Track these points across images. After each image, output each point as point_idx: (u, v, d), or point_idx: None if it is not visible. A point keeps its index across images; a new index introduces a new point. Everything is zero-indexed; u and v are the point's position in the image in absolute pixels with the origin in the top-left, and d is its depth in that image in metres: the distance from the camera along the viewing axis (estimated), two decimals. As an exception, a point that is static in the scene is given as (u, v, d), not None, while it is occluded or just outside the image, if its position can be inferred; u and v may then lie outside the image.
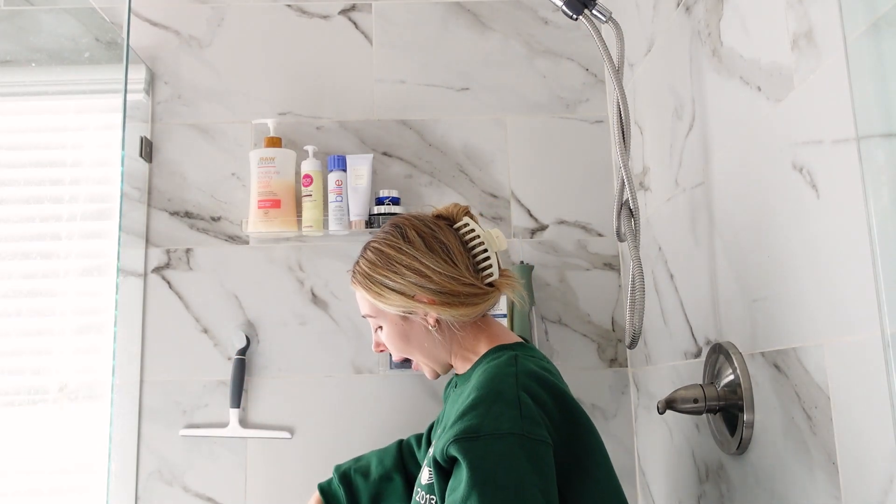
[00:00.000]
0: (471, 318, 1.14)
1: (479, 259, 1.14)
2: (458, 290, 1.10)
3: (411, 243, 1.12)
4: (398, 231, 1.15)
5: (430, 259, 1.11)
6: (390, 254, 1.12)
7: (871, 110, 0.78)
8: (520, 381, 1.01)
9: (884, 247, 0.75)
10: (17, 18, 1.70)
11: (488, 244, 1.15)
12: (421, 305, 1.11)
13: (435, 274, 1.10)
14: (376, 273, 1.13)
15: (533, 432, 0.95)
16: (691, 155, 1.31)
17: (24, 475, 1.53)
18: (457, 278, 1.11)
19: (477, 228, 1.16)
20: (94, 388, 1.58)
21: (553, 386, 1.04)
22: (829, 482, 0.90)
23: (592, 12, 1.28)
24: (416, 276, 1.10)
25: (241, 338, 1.68)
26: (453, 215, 1.18)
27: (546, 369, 1.09)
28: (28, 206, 1.62)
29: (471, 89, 1.83)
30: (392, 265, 1.12)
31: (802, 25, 0.93)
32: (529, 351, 1.14)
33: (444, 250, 1.12)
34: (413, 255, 1.11)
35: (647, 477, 1.63)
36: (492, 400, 0.98)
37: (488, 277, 1.14)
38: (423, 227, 1.14)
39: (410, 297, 1.11)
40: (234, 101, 1.80)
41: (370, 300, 1.15)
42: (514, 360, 1.06)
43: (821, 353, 0.91)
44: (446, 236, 1.14)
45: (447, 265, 1.11)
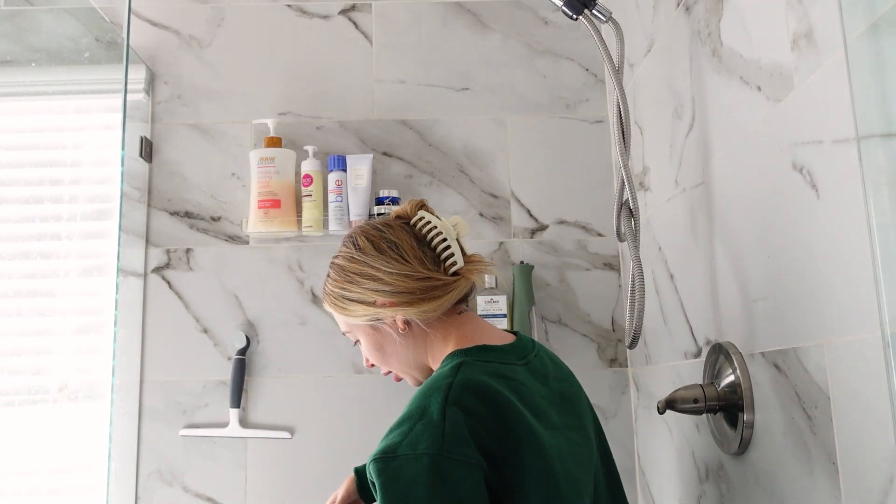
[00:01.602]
0: (437, 312, 1.10)
1: (440, 250, 1.12)
2: (413, 286, 1.08)
3: (361, 250, 1.12)
4: (350, 241, 1.14)
5: (379, 261, 1.10)
6: (345, 265, 1.12)
7: (871, 110, 0.78)
8: (452, 394, 0.95)
9: (884, 247, 0.75)
10: (17, 18, 1.70)
11: (447, 233, 1.13)
12: (384, 310, 1.09)
13: (387, 275, 1.09)
14: (337, 288, 1.13)
15: (454, 452, 0.90)
16: (691, 155, 1.31)
17: (24, 475, 1.53)
18: (409, 275, 1.08)
19: (433, 220, 1.14)
20: (94, 388, 1.58)
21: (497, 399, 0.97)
22: (829, 482, 0.90)
23: (592, 12, 1.28)
24: (371, 282, 1.09)
25: (241, 338, 1.68)
26: (408, 212, 1.17)
27: (505, 377, 1.02)
28: (28, 206, 1.62)
29: (471, 89, 1.83)
30: (349, 276, 1.12)
31: (802, 25, 0.93)
32: (488, 355, 1.06)
33: (393, 249, 1.10)
34: (364, 262, 1.11)
35: (647, 477, 1.63)
36: (417, 417, 0.95)
37: (452, 266, 1.11)
38: (373, 231, 1.13)
39: (371, 303, 1.10)
40: (234, 101, 1.80)
41: (339, 316, 1.16)
42: (456, 368, 1.01)
43: (821, 353, 0.91)
44: (397, 235, 1.12)
45: (398, 263, 1.09)
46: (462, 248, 1.13)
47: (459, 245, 1.13)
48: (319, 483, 1.64)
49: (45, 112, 1.71)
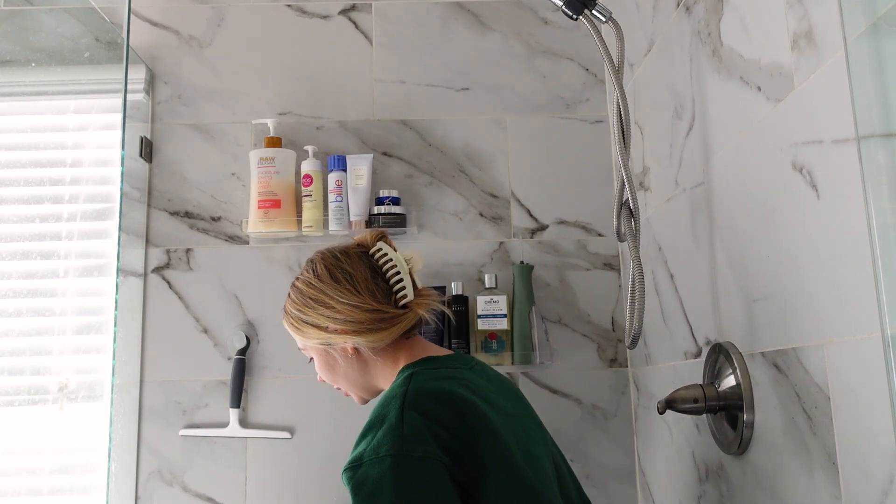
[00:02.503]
0: (385, 342, 1.17)
1: (393, 282, 1.19)
2: (363, 317, 1.15)
3: (319, 277, 1.18)
4: (311, 266, 1.21)
5: (334, 290, 1.16)
6: (303, 289, 1.19)
7: (871, 110, 0.78)
8: (408, 399, 1.02)
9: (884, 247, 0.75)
10: (17, 18, 1.70)
11: (401, 266, 1.21)
12: (335, 336, 1.16)
13: (339, 304, 1.15)
14: (294, 309, 1.20)
15: (414, 450, 0.96)
16: (691, 155, 1.31)
17: (24, 475, 1.53)
18: (359, 306, 1.15)
19: (390, 252, 1.22)
20: (94, 388, 1.58)
21: (451, 397, 1.04)
22: (830, 482, 0.90)
23: (592, 12, 1.28)
24: (325, 309, 1.16)
25: (241, 338, 1.68)
26: (367, 242, 1.24)
27: (454, 378, 1.10)
28: (28, 206, 1.62)
29: (471, 89, 1.83)
30: (306, 300, 1.18)
31: (802, 25, 0.93)
32: (437, 363, 1.15)
33: (348, 280, 1.17)
34: (320, 289, 1.17)
35: (647, 477, 1.63)
36: (378, 425, 1.01)
37: (402, 299, 1.18)
38: (332, 260, 1.20)
39: (324, 328, 1.16)
40: (234, 101, 1.80)
41: (295, 335, 1.22)
42: (407, 379, 1.08)
43: (821, 353, 0.91)
44: (353, 265, 1.19)
45: (351, 294, 1.16)
46: (414, 282, 1.21)
47: (412, 279, 1.21)
48: (319, 483, 1.64)
49: (45, 112, 1.71)
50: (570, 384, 1.72)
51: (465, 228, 1.77)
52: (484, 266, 1.75)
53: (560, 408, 1.71)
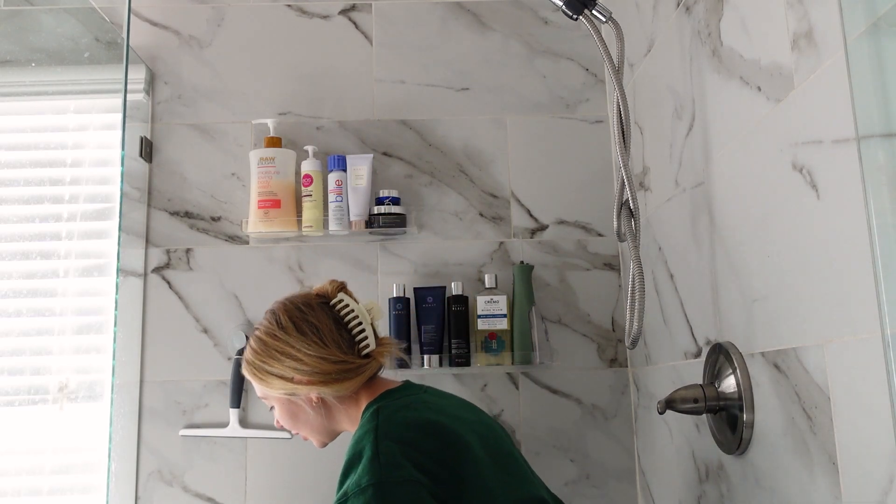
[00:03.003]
0: (350, 390, 1.21)
1: (355, 333, 1.24)
2: (330, 368, 1.19)
3: (284, 329, 1.21)
4: (274, 318, 1.24)
5: (301, 343, 1.20)
6: (268, 341, 1.22)
7: (871, 110, 0.78)
8: (380, 432, 1.09)
9: (884, 247, 0.75)
10: (17, 18, 1.70)
11: (363, 317, 1.25)
12: (300, 386, 1.20)
13: (307, 357, 1.19)
14: (258, 360, 1.22)
15: (393, 475, 1.03)
16: (691, 155, 1.31)
17: (24, 475, 1.53)
18: (327, 358, 1.19)
19: (351, 303, 1.26)
20: (94, 388, 1.58)
21: (419, 421, 1.12)
22: (830, 482, 0.90)
23: (592, 12, 1.28)
24: (291, 361, 1.19)
25: (241, 338, 1.68)
26: (328, 293, 1.27)
27: (416, 404, 1.18)
28: (28, 206, 1.62)
29: (471, 89, 1.83)
30: (270, 352, 1.21)
31: (802, 25, 0.93)
32: (397, 394, 1.21)
33: (314, 332, 1.21)
34: (286, 341, 1.20)
35: (647, 477, 1.64)
36: (357, 461, 1.07)
37: (365, 349, 1.23)
38: (296, 311, 1.23)
39: (289, 379, 1.20)
40: (234, 101, 1.80)
41: (257, 385, 1.25)
42: (375, 414, 1.14)
43: (821, 353, 0.91)
44: (318, 316, 1.23)
45: (318, 346, 1.19)
46: (375, 331, 1.27)
47: (373, 328, 1.26)
48: (319, 483, 1.64)
49: (45, 112, 1.71)
50: (570, 384, 1.72)
51: (465, 228, 1.77)
52: (484, 266, 1.75)
53: (560, 408, 1.71)
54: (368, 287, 1.73)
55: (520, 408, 1.71)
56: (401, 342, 1.31)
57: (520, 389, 1.71)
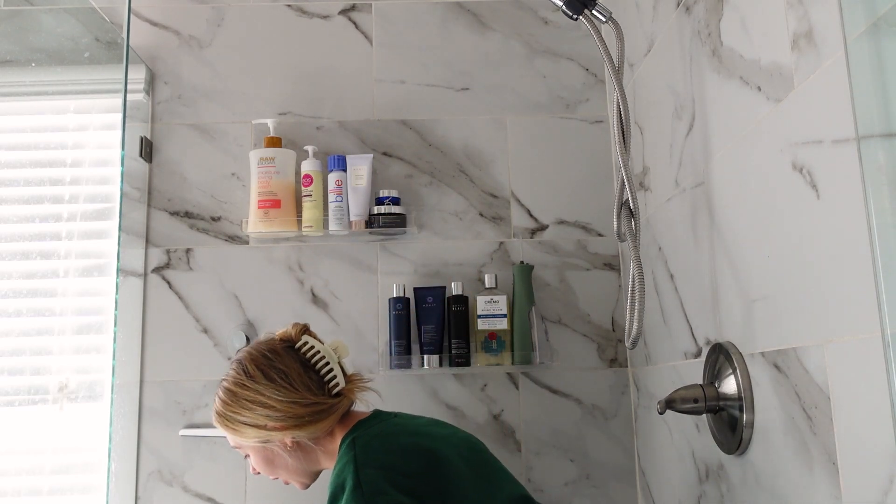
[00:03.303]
0: (324, 431, 1.23)
1: (324, 373, 1.25)
2: (302, 412, 1.20)
3: (253, 378, 1.22)
4: (241, 367, 1.24)
5: (271, 390, 1.20)
6: (237, 391, 1.22)
7: (871, 110, 0.78)
8: (359, 461, 1.12)
9: (884, 247, 0.75)
10: (17, 18, 1.70)
11: (329, 357, 1.26)
12: (274, 433, 1.21)
13: (278, 403, 1.20)
14: (229, 411, 1.23)
15: (377, 500, 1.06)
16: (691, 155, 1.31)
17: (24, 475, 1.53)
18: (298, 402, 1.20)
19: (317, 345, 1.27)
20: (94, 388, 1.58)
21: (396, 445, 1.16)
22: (830, 482, 0.90)
23: (592, 12, 1.28)
24: (263, 409, 1.20)
25: (241, 338, 1.68)
26: (292, 337, 1.28)
27: (390, 429, 1.21)
28: (28, 206, 1.62)
29: (471, 89, 1.83)
30: (240, 402, 1.22)
31: (802, 25, 0.93)
32: (369, 423, 1.24)
33: (283, 377, 1.21)
34: (256, 389, 1.21)
35: (647, 477, 1.63)
36: (340, 493, 1.10)
37: (335, 388, 1.25)
38: (262, 359, 1.24)
39: (263, 427, 1.21)
40: (234, 101, 1.80)
41: (230, 436, 1.25)
42: (351, 445, 1.16)
43: (821, 353, 0.91)
44: (285, 362, 1.23)
45: (288, 391, 1.20)
46: (343, 369, 1.27)
47: (341, 367, 1.27)
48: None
49: (45, 112, 1.71)
50: (570, 384, 1.72)
51: (465, 228, 1.77)
52: (484, 266, 1.75)
53: (560, 408, 1.71)
54: (368, 287, 1.73)
55: (520, 408, 1.71)
56: (368, 379, 1.33)
57: (520, 389, 1.71)
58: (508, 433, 1.69)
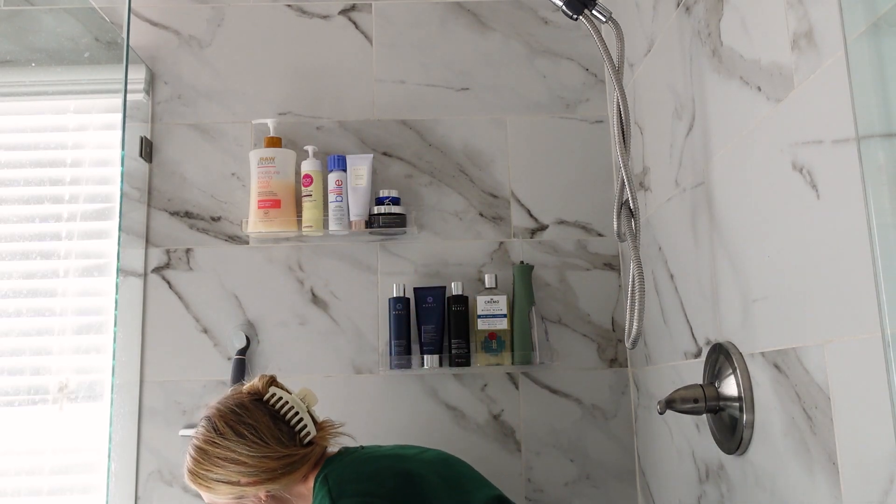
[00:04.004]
0: (297, 479, 1.22)
1: (294, 423, 1.25)
2: (275, 465, 1.20)
3: (223, 435, 1.21)
4: (210, 425, 1.24)
5: (241, 446, 1.20)
6: (207, 449, 1.22)
7: (871, 110, 0.78)
8: (333, 494, 1.13)
9: (884, 247, 0.75)
10: (17, 18, 1.70)
11: (298, 407, 1.26)
12: (248, 488, 1.20)
13: (249, 458, 1.19)
14: (201, 469, 1.22)
15: None
16: (691, 155, 1.31)
17: (24, 475, 1.53)
18: (269, 455, 1.20)
19: (284, 395, 1.27)
20: (94, 388, 1.58)
21: (368, 472, 1.18)
22: (830, 482, 0.90)
23: (592, 12, 1.28)
24: (235, 465, 1.20)
25: (241, 338, 1.68)
26: (259, 389, 1.28)
27: (359, 458, 1.23)
28: (28, 206, 1.62)
29: (471, 89, 1.83)
30: (211, 459, 1.21)
31: (802, 25, 0.93)
32: (338, 459, 1.25)
33: (252, 433, 1.21)
34: (226, 447, 1.21)
35: (647, 477, 1.63)
36: None
37: (306, 437, 1.24)
38: (231, 416, 1.23)
39: (236, 483, 1.20)
40: (234, 101, 1.80)
41: (203, 493, 1.25)
42: (324, 481, 1.17)
43: (821, 353, 0.91)
44: (254, 416, 1.23)
45: (259, 446, 1.20)
46: (313, 416, 1.27)
47: (311, 415, 1.27)
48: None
49: (45, 112, 1.71)
50: (570, 384, 1.72)
51: (465, 228, 1.77)
52: (484, 266, 1.75)
53: (560, 408, 1.71)
54: (368, 287, 1.73)
55: (520, 408, 1.71)
56: (339, 424, 1.33)
57: (520, 389, 1.71)
58: (508, 433, 1.69)
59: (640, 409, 1.66)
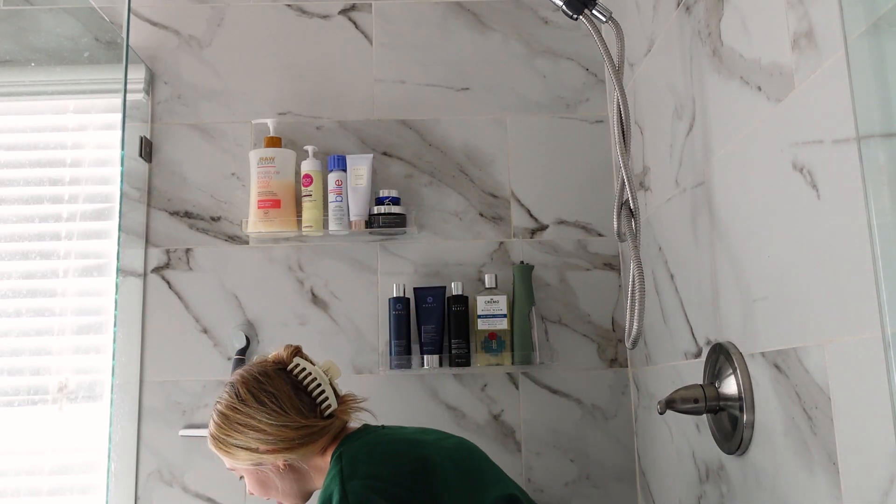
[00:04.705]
0: (316, 452, 1.23)
1: (315, 395, 1.25)
2: (293, 434, 1.20)
3: (244, 401, 1.22)
4: (233, 390, 1.24)
5: (262, 413, 1.21)
6: (229, 415, 1.23)
7: (871, 110, 0.78)
8: (345, 474, 1.13)
9: (884, 247, 0.75)
10: (16, 18, 1.70)
11: (321, 379, 1.26)
12: (266, 455, 1.21)
13: (269, 426, 1.20)
14: (222, 434, 1.23)
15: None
16: (691, 155, 1.31)
17: (24, 475, 1.53)
18: (288, 425, 1.20)
19: (308, 367, 1.27)
20: (94, 388, 1.58)
21: (383, 454, 1.17)
22: (830, 482, 0.90)
23: (592, 12, 1.28)
24: (254, 432, 1.20)
25: (241, 338, 1.68)
26: (284, 359, 1.28)
27: (377, 439, 1.22)
28: (28, 206, 1.62)
29: (471, 89, 1.83)
30: (232, 425, 1.22)
31: (803, 25, 0.93)
32: (356, 436, 1.23)
33: (273, 401, 1.22)
34: (247, 413, 1.21)
35: (647, 477, 1.63)
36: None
37: (327, 410, 1.24)
38: (253, 383, 1.24)
39: (255, 450, 1.21)
40: (234, 101, 1.80)
41: (224, 458, 1.25)
42: (338, 458, 1.17)
43: (821, 353, 0.91)
44: (276, 385, 1.23)
45: (278, 415, 1.21)
46: (335, 389, 1.28)
47: (333, 388, 1.27)
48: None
49: (45, 112, 1.71)
50: (570, 384, 1.72)
51: (465, 228, 1.77)
52: (484, 266, 1.75)
53: (560, 408, 1.71)
54: (368, 287, 1.73)
55: (520, 408, 1.71)
56: (361, 399, 1.32)
57: (520, 389, 1.71)
58: (508, 433, 1.69)
59: (640, 409, 1.66)
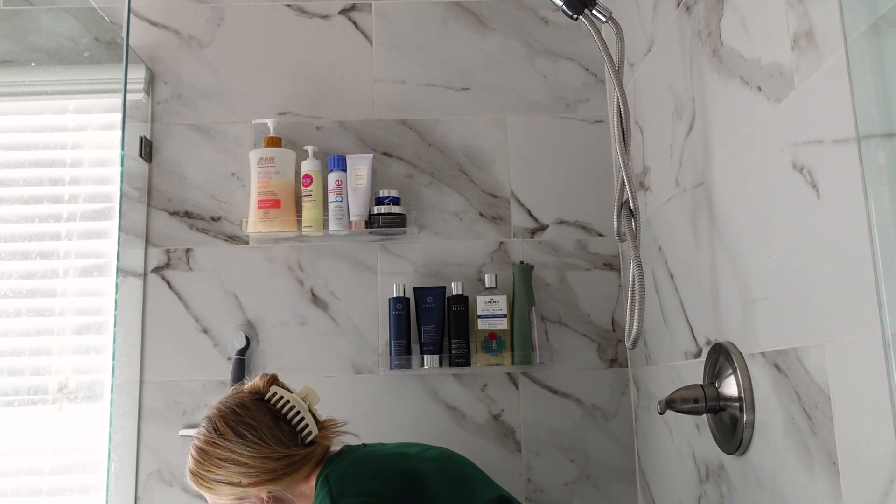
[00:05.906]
0: (299, 479, 1.21)
1: (295, 423, 1.23)
2: (275, 465, 1.19)
3: (223, 435, 1.21)
4: (211, 425, 1.23)
5: (241, 447, 1.19)
6: (208, 450, 1.22)
7: (872, 110, 0.78)
8: (334, 494, 1.12)
9: (884, 247, 0.75)
10: (16, 18, 1.70)
11: (299, 406, 1.25)
12: (249, 489, 1.19)
13: (250, 459, 1.19)
14: (202, 470, 1.22)
15: None
16: (691, 155, 1.31)
17: (24, 475, 1.53)
18: (270, 456, 1.19)
19: (286, 395, 1.25)
20: (94, 388, 1.58)
21: (374, 468, 1.17)
22: (830, 482, 0.90)
23: (592, 12, 1.28)
24: (236, 466, 1.19)
25: (241, 338, 1.68)
26: (260, 389, 1.27)
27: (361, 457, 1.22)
28: (28, 206, 1.62)
29: (471, 89, 1.83)
30: (212, 460, 1.21)
31: (803, 25, 0.93)
32: (340, 457, 1.23)
33: (253, 433, 1.20)
34: (227, 447, 1.20)
35: (647, 477, 1.63)
36: None
37: (308, 437, 1.23)
38: (231, 416, 1.22)
39: (237, 483, 1.19)
40: (234, 101, 1.80)
41: (206, 494, 1.24)
42: (325, 480, 1.16)
43: (821, 353, 0.91)
44: (254, 416, 1.22)
45: (259, 447, 1.19)
46: (315, 416, 1.26)
47: (312, 414, 1.25)
48: None
49: (45, 112, 1.71)
50: (570, 384, 1.72)
51: (465, 228, 1.77)
52: (484, 266, 1.75)
53: (560, 408, 1.71)
54: (368, 287, 1.73)
55: (520, 408, 1.71)
56: (342, 423, 1.31)
57: (520, 389, 1.71)
58: (508, 433, 1.69)
59: (640, 409, 1.66)
